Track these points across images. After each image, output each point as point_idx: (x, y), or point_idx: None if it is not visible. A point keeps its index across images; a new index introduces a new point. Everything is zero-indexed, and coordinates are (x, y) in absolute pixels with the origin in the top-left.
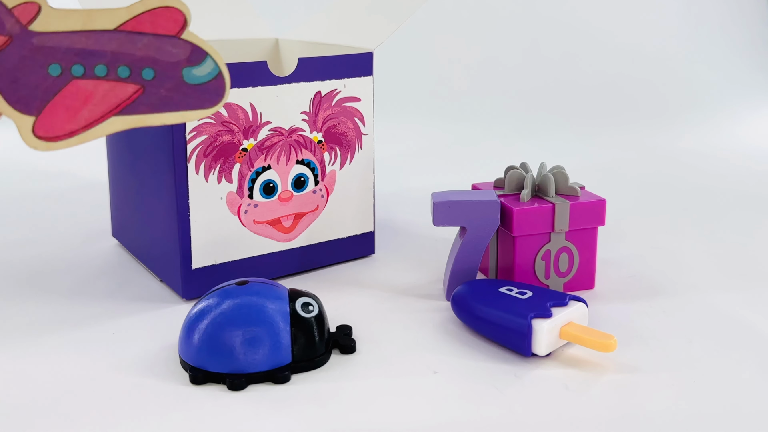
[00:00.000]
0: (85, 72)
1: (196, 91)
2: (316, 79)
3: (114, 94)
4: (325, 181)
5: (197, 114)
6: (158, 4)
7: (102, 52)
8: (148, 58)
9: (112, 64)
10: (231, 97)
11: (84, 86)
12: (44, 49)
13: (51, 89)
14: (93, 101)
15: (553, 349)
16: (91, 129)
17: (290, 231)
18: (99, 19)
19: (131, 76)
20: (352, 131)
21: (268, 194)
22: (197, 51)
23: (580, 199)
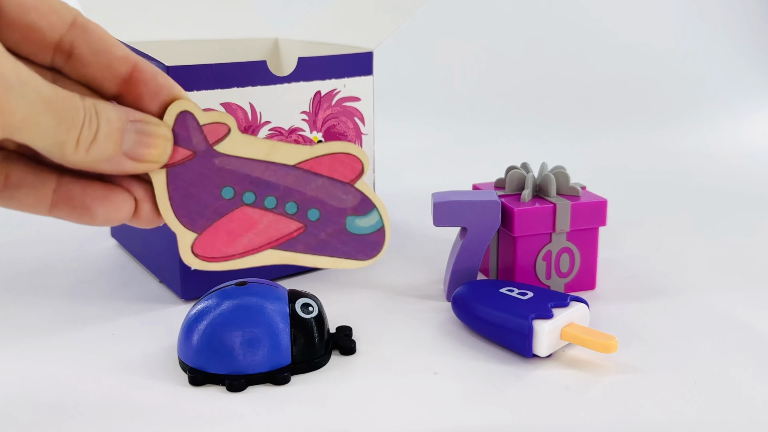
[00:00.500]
0: (255, 201)
1: (354, 240)
2: (315, 78)
3: (276, 228)
4: None
5: (350, 264)
6: (341, 150)
7: (276, 184)
8: (317, 200)
9: (282, 198)
10: (230, 97)
11: (251, 214)
12: (223, 170)
13: (219, 211)
14: (255, 230)
15: (554, 349)
16: (245, 257)
17: None
18: (281, 153)
19: (297, 214)
20: (352, 131)
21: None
22: (366, 202)
23: (581, 199)
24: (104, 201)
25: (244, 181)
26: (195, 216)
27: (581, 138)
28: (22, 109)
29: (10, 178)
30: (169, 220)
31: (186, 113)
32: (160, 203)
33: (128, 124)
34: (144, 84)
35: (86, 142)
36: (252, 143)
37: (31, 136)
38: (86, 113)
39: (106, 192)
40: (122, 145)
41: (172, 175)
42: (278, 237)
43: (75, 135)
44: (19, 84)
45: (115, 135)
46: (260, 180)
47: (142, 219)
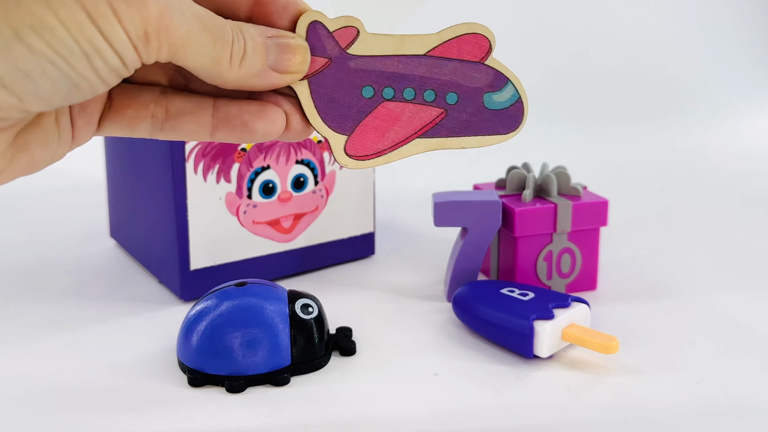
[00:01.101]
0: (394, 95)
1: (495, 116)
2: None
3: (419, 117)
4: (324, 182)
5: (495, 139)
6: (466, 31)
7: (411, 76)
8: (452, 83)
9: (420, 88)
10: None
11: (393, 108)
12: (360, 71)
13: (363, 110)
14: (399, 123)
15: (555, 350)
16: (396, 150)
17: (290, 232)
18: (411, 45)
19: (436, 100)
20: None
21: (268, 194)
22: (499, 77)
23: (583, 199)
24: (261, 116)
25: (380, 77)
26: (342, 119)
27: (582, 138)
28: (183, 26)
29: (170, 110)
30: (319, 127)
31: (316, 23)
32: (308, 112)
33: (267, 39)
34: (273, 3)
35: (238, 57)
36: (382, 40)
37: (191, 54)
38: (233, 31)
39: (260, 108)
40: (267, 58)
41: (314, 84)
42: (422, 126)
43: (228, 51)
44: (176, 2)
45: (260, 49)
46: (396, 74)
47: (292, 131)
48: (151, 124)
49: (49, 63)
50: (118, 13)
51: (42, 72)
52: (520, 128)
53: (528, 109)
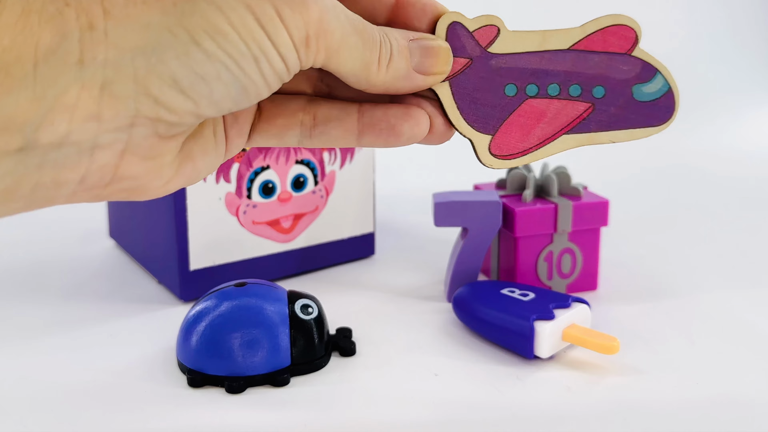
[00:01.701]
0: (538, 92)
1: (645, 108)
2: None
3: (565, 113)
4: (324, 182)
5: (647, 132)
6: (611, 23)
7: (555, 71)
8: (599, 77)
9: (565, 83)
10: None
11: (537, 105)
12: (501, 70)
13: (507, 109)
14: (545, 120)
15: (555, 351)
16: (543, 147)
17: (289, 232)
18: (553, 40)
19: (582, 95)
20: None
21: (267, 195)
22: (647, 68)
23: (583, 199)
24: (407, 118)
25: (523, 75)
26: (485, 119)
27: None
28: (338, 30)
29: (318, 117)
30: (462, 128)
31: (455, 24)
32: (451, 114)
33: (410, 42)
34: (411, 6)
35: (385, 60)
36: (523, 37)
37: (344, 58)
38: (380, 34)
39: (405, 110)
40: (411, 61)
41: (456, 85)
42: (569, 121)
43: (376, 55)
44: (332, 6)
45: (404, 52)
46: (539, 70)
47: (435, 133)
48: (300, 132)
49: (223, 67)
50: (282, 16)
51: (217, 76)
52: (672, 119)
53: (679, 100)
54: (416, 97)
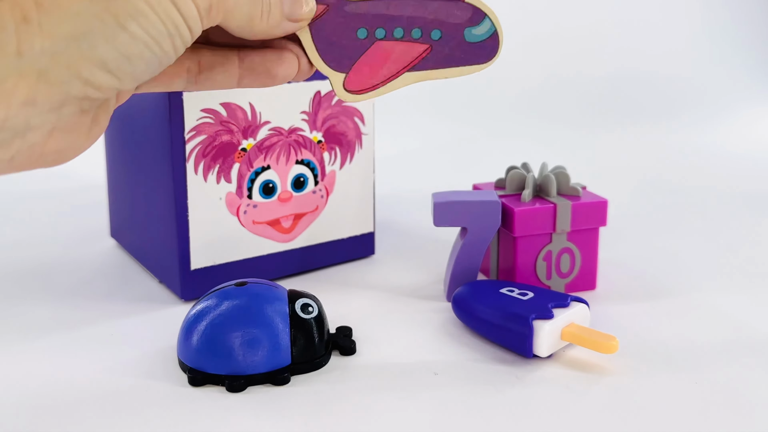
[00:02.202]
0: (386, 35)
1: (474, 48)
2: (315, 78)
3: (408, 53)
4: (324, 182)
5: (474, 68)
6: None
7: (400, 17)
8: (436, 21)
9: (408, 27)
10: (230, 97)
11: (385, 47)
12: (355, 15)
13: (359, 49)
14: (391, 59)
15: (554, 350)
16: (388, 83)
17: (290, 231)
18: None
19: (422, 37)
20: (351, 131)
21: (268, 194)
22: (477, 12)
23: (582, 199)
24: (280, 62)
25: (373, 20)
26: (340, 59)
27: (582, 138)
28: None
29: (202, 64)
30: (321, 67)
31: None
32: (311, 55)
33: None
34: None
35: (266, 13)
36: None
37: (235, 16)
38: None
39: (278, 55)
40: (283, 10)
41: (315, 29)
42: (411, 60)
43: (259, 8)
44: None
45: (278, 3)
46: (386, 16)
47: (301, 72)
48: (186, 79)
49: (145, 46)
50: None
51: (140, 55)
52: (496, 58)
53: (503, 40)
54: (284, 40)
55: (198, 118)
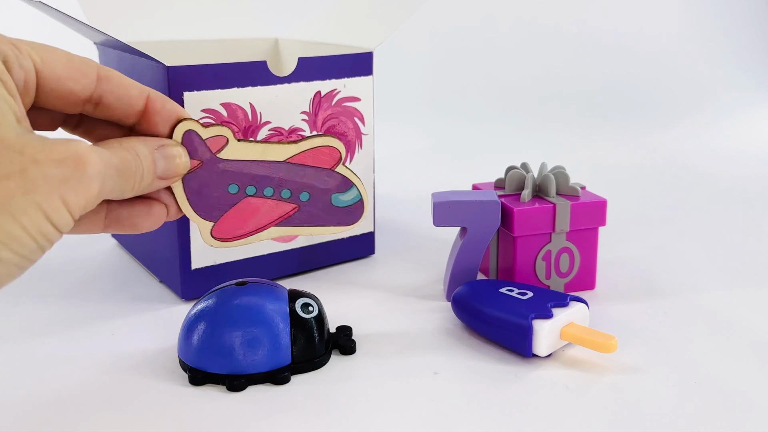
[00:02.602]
0: (256, 192)
1: (339, 212)
2: (315, 78)
3: (275, 210)
4: None
5: (339, 229)
6: (322, 144)
7: (272, 177)
8: (306, 185)
9: (278, 187)
10: (230, 97)
11: (254, 203)
12: (227, 172)
13: (228, 203)
14: (259, 214)
15: (553, 349)
16: (254, 235)
17: None
18: (273, 152)
19: (291, 198)
20: (352, 131)
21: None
22: (345, 182)
23: (581, 199)
24: (148, 216)
25: (245, 178)
26: (209, 209)
27: (581, 138)
28: (110, 186)
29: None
30: (190, 214)
31: (191, 131)
32: (181, 204)
33: (155, 151)
34: (157, 113)
35: (139, 181)
36: (248, 148)
37: (109, 195)
38: (135, 163)
39: (146, 208)
40: (156, 171)
41: (186, 180)
42: (278, 217)
43: (132, 182)
44: (105, 170)
45: (151, 167)
46: (258, 176)
47: (170, 217)
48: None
49: (14, 265)
50: (68, 204)
51: (8, 273)
52: (359, 221)
53: (368, 207)
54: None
55: (199, 118)
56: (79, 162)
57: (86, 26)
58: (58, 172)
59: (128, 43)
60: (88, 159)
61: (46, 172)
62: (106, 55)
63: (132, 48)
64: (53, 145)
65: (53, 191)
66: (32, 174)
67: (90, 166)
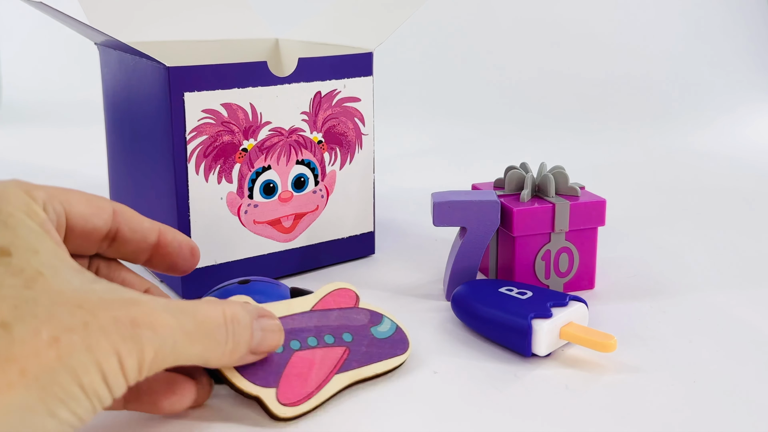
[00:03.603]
0: (301, 345)
1: (386, 343)
2: (316, 79)
3: (329, 358)
4: (325, 182)
5: (396, 360)
6: (336, 287)
7: (309, 328)
8: (343, 326)
9: (319, 335)
10: (231, 98)
11: (305, 356)
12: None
13: (280, 363)
14: (315, 366)
15: (553, 349)
16: (322, 389)
17: (290, 231)
18: (296, 306)
19: (336, 341)
20: (352, 131)
21: (269, 194)
22: (375, 314)
23: (581, 199)
24: (169, 395)
25: (285, 335)
26: (264, 376)
27: (581, 138)
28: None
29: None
30: (248, 388)
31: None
32: (233, 378)
33: (255, 323)
34: (169, 244)
35: (227, 353)
36: (272, 307)
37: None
38: (227, 329)
39: (169, 385)
40: (251, 345)
41: None
42: (334, 364)
43: (219, 352)
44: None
45: (249, 339)
46: (295, 329)
47: (199, 400)
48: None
49: (69, 426)
50: (124, 366)
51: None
52: (410, 349)
53: (409, 334)
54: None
55: (199, 118)
56: (135, 323)
57: (87, 26)
58: (115, 330)
59: (128, 44)
60: (146, 320)
61: (107, 328)
62: (107, 55)
63: (132, 48)
64: (112, 300)
65: (111, 351)
66: (94, 329)
67: (147, 328)
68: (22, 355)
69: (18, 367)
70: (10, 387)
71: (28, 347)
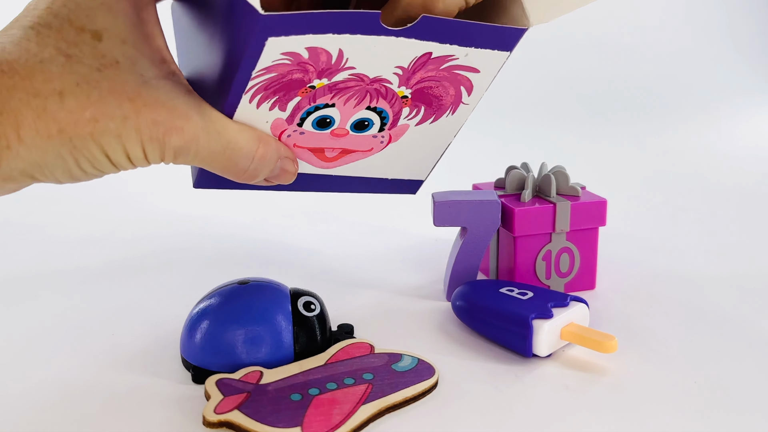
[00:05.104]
0: (320, 391)
1: (410, 374)
2: (432, 39)
3: (352, 395)
4: (392, 130)
5: (423, 385)
6: (349, 342)
7: (324, 377)
8: (362, 369)
9: (338, 380)
10: (319, 42)
11: (325, 398)
12: (281, 388)
13: (301, 406)
14: (338, 404)
15: (553, 349)
16: (350, 419)
17: (331, 161)
18: (310, 362)
19: (357, 382)
20: (450, 97)
21: (321, 128)
22: (393, 355)
23: (581, 199)
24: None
25: (301, 386)
26: (287, 419)
27: (581, 138)
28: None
29: None
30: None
31: (222, 379)
32: (253, 428)
33: (278, 161)
34: None
35: (243, 176)
36: (285, 369)
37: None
38: (252, 163)
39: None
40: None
41: (246, 408)
42: (359, 398)
43: (236, 173)
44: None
45: (267, 173)
46: (312, 380)
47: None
48: None
49: (93, 176)
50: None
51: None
52: (437, 375)
53: (433, 364)
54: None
55: (275, 59)
56: (170, 131)
57: None
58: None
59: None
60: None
61: (141, 127)
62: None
63: None
64: (164, 103)
65: (138, 144)
66: (130, 124)
67: (178, 138)
68: (63, 119)
69: (58, 126)
70: (49, 137)
71: (70, 116)
